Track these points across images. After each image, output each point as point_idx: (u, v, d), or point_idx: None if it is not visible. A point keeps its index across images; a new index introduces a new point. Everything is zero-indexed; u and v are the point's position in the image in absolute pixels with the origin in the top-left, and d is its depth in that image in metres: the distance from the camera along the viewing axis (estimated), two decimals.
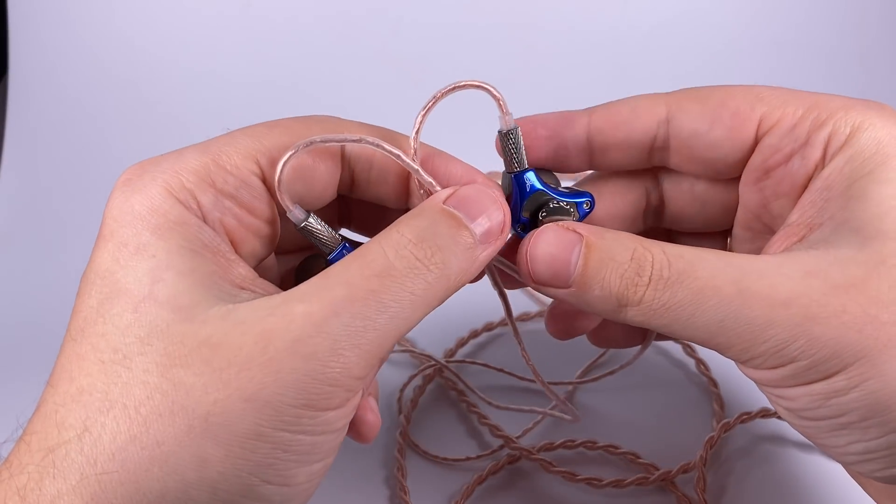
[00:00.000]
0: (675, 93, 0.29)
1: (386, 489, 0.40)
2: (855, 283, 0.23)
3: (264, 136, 0.26)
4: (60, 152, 0.66)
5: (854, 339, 0.23)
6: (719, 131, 0.28)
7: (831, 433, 0.25)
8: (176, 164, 0.25)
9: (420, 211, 0.25)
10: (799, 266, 0.24)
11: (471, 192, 0.26)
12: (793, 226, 0.27)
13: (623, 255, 0.25)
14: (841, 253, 0.24)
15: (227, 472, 0.22)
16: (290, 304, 0.23)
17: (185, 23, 0.69)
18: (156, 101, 0.68)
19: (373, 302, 0.23)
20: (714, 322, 0.24)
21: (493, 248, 0.26)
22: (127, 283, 0.23)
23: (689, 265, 0.24)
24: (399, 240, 0.24)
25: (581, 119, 0.29)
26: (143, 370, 0.22)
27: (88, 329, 0.23)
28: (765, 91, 0.28)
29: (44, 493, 0.21)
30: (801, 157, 0.27)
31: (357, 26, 0.70)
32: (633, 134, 0.29)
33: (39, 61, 0.68)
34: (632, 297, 0.25)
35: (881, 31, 0.68)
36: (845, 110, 0.26)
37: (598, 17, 0.69)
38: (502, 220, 0.26)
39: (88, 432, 0.22)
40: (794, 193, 0.27)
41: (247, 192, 0.25)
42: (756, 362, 0.25)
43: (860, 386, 0.23)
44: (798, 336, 0.23)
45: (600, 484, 0.39)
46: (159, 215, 0.24)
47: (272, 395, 0.22)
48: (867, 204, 0.24)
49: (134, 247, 0.23)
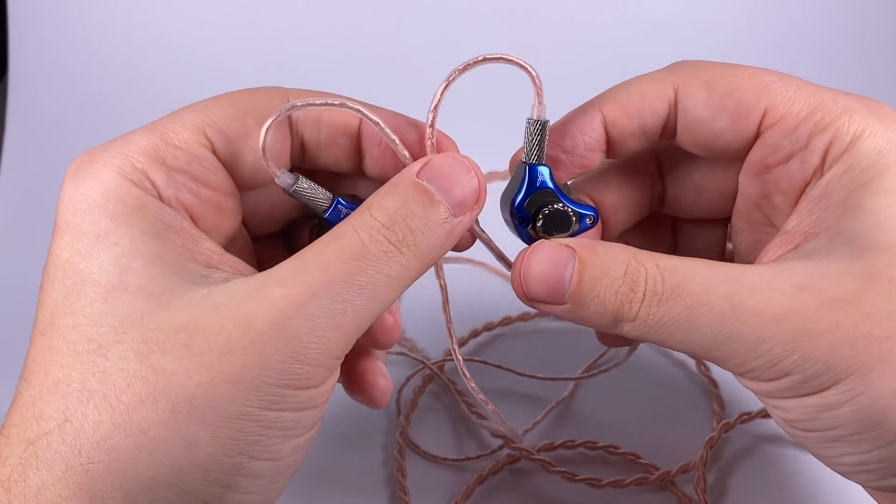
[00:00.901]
0: (680, 70, 0.29)
1: (386, 489, 0.40)
2: (848, 297, 0.23)
3: (210, 109, 0.26)
4: (60, 152, 0.66)
5: (847, 355, 0.23)
6: (723, 121, 0.27)
7: (825, 444, 0.25)
8: (125, 147, 0.25)
9: (392, 187, 0.25)
10: (792, 279, 0.24)
11: (444, 162, 0.26)
12: (789, 233, 0.27)
13: (617, 271, 0.25)
14: (835, 265, 0.24)
15: (216, 453, 0.22)
16: (268, 288, 0.23)
17: (186, 23, 0.69)
18: (156, 100, 0.67)
19: (350, 284, 0.23)
20: (708, 337, 0.24)
21: (470, 216, 0.26)
22: (91, 272, 0.23)
23: (682, 280, 0.25)
24: (372, 224, 0.24)
25: (595, 116, 0.28)
26: (121, 358, 0.22)
27: (57, 322, 0.23)
28: (772, 81, 0.27)
29: (28, 485, 0.21)
30: (800, 159, 0.27)
31: (357, 23, 0.70)
32: (647, 120, 0.28)
33: (39, 61, 0.68)
34: (627, 313, 0.25)
35: (881, 30, 0.68)
36: (849, 115, 0.26)
37: (599, 14, 0.69)
38: (477, 187, 0.26)
39: (69, 422, 0.22)
40: (793, 193, 0.27)
41: (199, 165, 0.25)
42: (752, 375, 0.25)
43: (852, 401, 0.23)
44: (791, 351, 0.23)
45: (600, 484, 0.39)
46: (116, 200, 0.23)
47: (256, 376, 0.22)
48: (863, 215, 0.24)
49: (94, 235, 0.23)
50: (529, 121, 0.27)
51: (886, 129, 0.25)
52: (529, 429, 0.42)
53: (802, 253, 0.25)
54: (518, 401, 0.44)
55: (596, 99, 0.29)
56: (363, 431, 0.43)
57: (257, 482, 0.23)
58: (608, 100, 0.29)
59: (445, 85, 0.27)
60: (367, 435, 0.43)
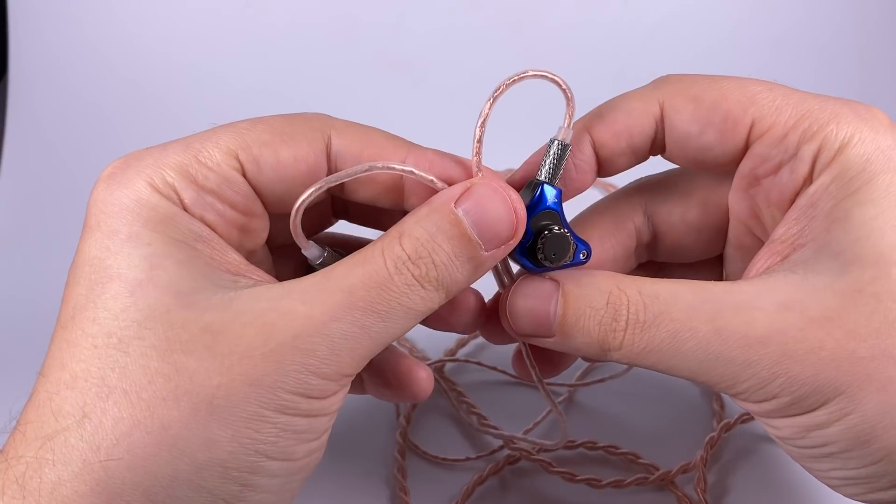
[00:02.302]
0: (665, 85, 0.28)
1: (386, 489, 0.40)
2: (831, 315, 0.23)
3: (246, 133, 0.26)
4: (60, 152, 0.66)
5: (832, 376, 0.23)
6: (710, 135, 0.27)
7: (815, 460, 0.26)
8: (159, 160, 0.25)
9: (427, 213, 0.25)
10: (775, 297, 0.24)
11: (484, 192, 0.25)
12: (776, 242, 0.26)
13: (599, 301, 0.25)
14: (819, 280, 0.24)
15: (235, 452, 0.22)
16: (291, 302, 0.23)
17: (186, 23, 0.69)
18: (156, 100, 0.67)
19: (371, 312, 0.24)
20: (695, 362, 0.24)
21: (503, 251, 0.26)
22: (120, 268, 0.23)
23: (665, 306, 0.25)
24: (399, 254, 0.24)
25: (584, 138, 0.28)
26: (142, 354, 0.22)
27: (79, 315, 0.23)
28: (758, 92, 0.27)
29: (44, 481, 0.21)
30: (790, 169, 0.26)
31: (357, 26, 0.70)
32: (635, 139, 0.28)
33: (39, 61, 0.68)
34: (612, 343, 0.25)
35: (881, 30, 0.68)
36: (836, 122, 0.25)
37: (598, 16, 0.69)
38: (514, 224, 0.25)
39: (88, 419, 0.22)
40: (784, 205, 0.27)
41: (228, 187, 0.26)
42: (741, 396, 0.25)
43: (841, 420, 0.24)
44: (777, 374, 0.24)
45: (600, 484, 0.39)
46: (148, 208, 0.24)
47: (273, 381, 0.23)
48: (849, 226, 0.24)
49: (125, 235, 0.24)
50: (553, 141, 0.27)
51: (875, 134, 0.25)
52: (530, 429, 0.42)
53: (788, 265, 0.25)
54: (518, 401, 0.44)
55: (582, 120, 0.29)
56: (363, 431, 0.43)
57: (274, 481, 0.24)
58: (595, 120, 0.29)
59: (493, 100, 0.26)
60: (367, 435, 0.43)
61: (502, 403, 0.44)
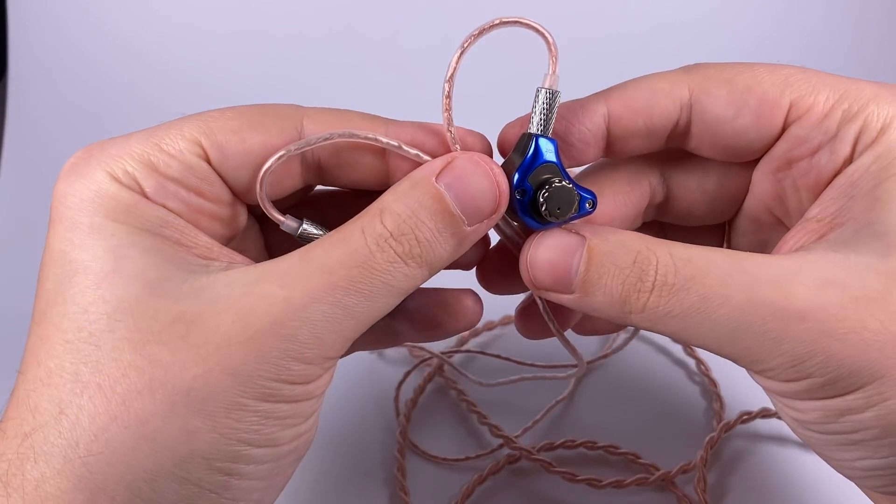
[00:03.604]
0: (697, 71, 0.27)
1: (386, 489, 0.40)
2: (875, 296, 0.22)
3: (212, 121, 0.25)
4: (60, 152, 0.66)
5: (874, 358, 0.22)
6: (746, 118, 0.26)
7: (839, 447, 0.25)
8: (121, 150, 0.24)
9: (409, 188, 0.24)
10: (816, 273, 0.23)
11: (465, 166, 0.24)
12: (811, 221, 0.26)
13: (625, 260, 0.24)
14: (861, 260, 0.23)
15: (216, 442, 0.22)
16: (268, 286, 0.23)
17: (184, 25, 0.69)
18: (155, 100, 0.67)
19: (352, 291, 0.23)
20: (724, 333, 0.23)
21: (486, 225, 0.25)
22: (85, 261, 0.23)
23: (697, 270, 0.23)
24: (381, 231, 0.23)
25: (598, 108, 0.27)
26: (113, 348, 0.22)
27: (49, 311, 0.23)
28: (792, 74, 0.26)
29: (27, 478, 0.21)
30: (829, 150, 0.25)
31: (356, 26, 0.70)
32: (654, 120, 0.27)
33: (39, 61, 0.68)
34: (635, 304, 0.24)
35: (881, 30, 0.68)
36: (877, 102, 0.25)
37: (599, 16, 0.69)
38: (496, 196, 0.25)
39: (64, 415, 0.21)
40: (818, 188, 0.26)
41: (192, 175, 0.25)
42: (769, 374, 0.24)
43: (878, 405, 0.23)
44: (815, 353, 0.22)
45: (600, 484, 0.39)
46: (109, 198, 0.23)
47: (253, 370, 0.22)
48: (893, 208, 0.23)
49: (88, 227, 0.23)
50: (540, 90, 0.26)
51: None
52: (529, 427, 0.42)
53: (827, 244, 0.24)
54: (518, 400, 0.44)
55: (602, 91, 0.28)
56: (363, 431, 0.43)
57: (260, 468, 0.24)
58: (616, 93, 0.27)
59: (461, 52, 0.25)
60: (367, 435, 0.43)
61: (501, 402, 0.44)
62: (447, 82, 0.26)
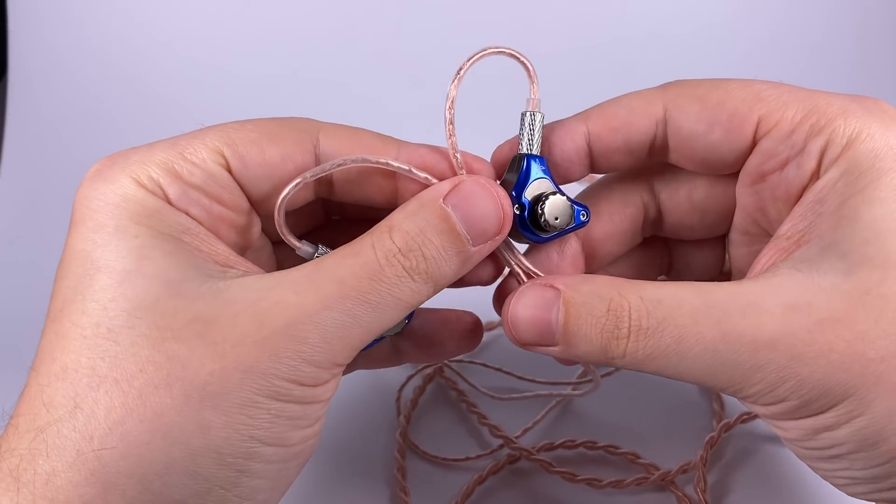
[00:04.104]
0: (671, 88, 0.28)
1: (386, 489, 0.40)
2: (839, 317, 0.23)
3: (233, 132, 0.26)
4: (60, 152, 0.66)
5: (842, 379, 0.23)
6: (717, 133, 0.27)
7: (822, 461, 0.26)
8: (145, 158, 0.25)
9: (417, 208, 0.25)
10: (782, 298, 0.24)
11: (472, 189, 0.26)
12: (781, 239, 0.26)
13: (600, 309, 0.25)
14: (825, 280, 0.24)
15: (230, 437, 0.23)
16: (282, 292, 0.24)
17: (185, 25, 0.69)
18: (155, 101, 0.67)
19: (361, 302, 0.24)
20: (702, 368, 0.24)
21: (490, 246, 0.26)
22: (107, 260, 0.23)
23: (668, 311, 0.24)
24: (390, 247, 0.24)
25: (578, 128, 0.29)
26: (132, 343, 0.22)
27: (67, 307, 0.23)
28: (764, 89, 0.27)
29: (38, 473, 0.21)
30: (796, 164, 0.26)
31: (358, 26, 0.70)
32: (632, 136, 0.28)
33: (39, 61, 0.68)
34: (616, 350, 0.25)
35: (881, 31, 0.68)
36: (844, 117, 0.25)
37: (598, 17, 0.69)
38: (501, 219, 0.26)
39: (80, 409, 0.22)
40: (790, 200, 0.27)
41: (214, 183, 0.26)
42: (750, 399, 0.25)
43: (850, 423, 0.23)
44: (786, 378, 0.23)
45: (600, 484, 0.39)
46: (134, 203, 0.24)
47: (267, 368, 0.23)
48: (857, 226, 0.24)
49: (112, 228, 0.24)
50: (525, 113, 0.28)
51: (885, 129, 0.25)
52: (529, 428, 0.42)
53: (792, 262, 0.25)
54: (518, 400, 0.44)
55: (583, 112, 0.29)
56: (363, 431, 0.43)
57: (270, 467, 0.24)
58: (594, 113, 0.29)
59: (458, 80, 0.27)
60: (367, 435, 0.43)
61: (501, 401, 0.44)
62: (448, 110, 0.27)
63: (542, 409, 0.43)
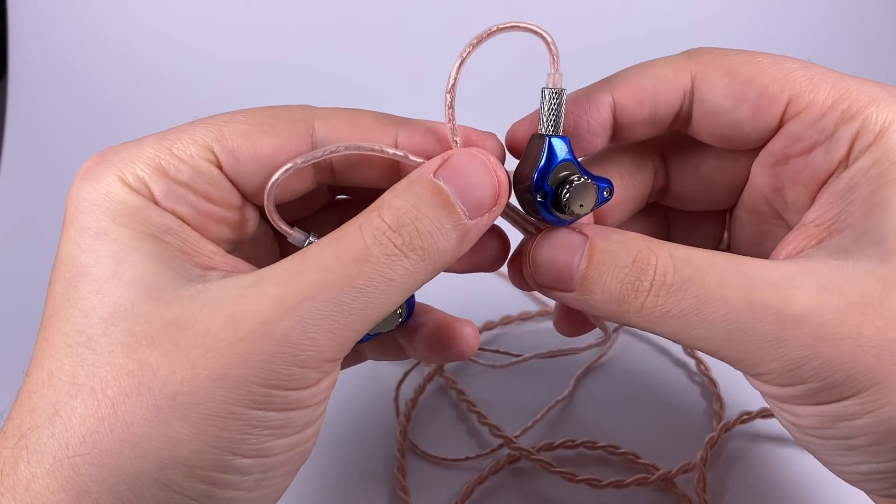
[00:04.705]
0: (699, 57, 0.27)
1: (386, 489, 0.40)
2: (872, 302, 0.22)
3: (223, 125, 0.25)
4: (60, 152, 0.66)
5: (870, 364, 0.22)
6: (743, 111, 0.26)
7: (837, 452, 0.25)
8: (133, 154, 0.25)
9: (407, 185, 0.24)
10: (814, 278, 0.23)
11: (463, 160, 0.24)
12: (809, 226, 0.26)
13: (625, 259, 0.24)
14: (860, 266, 0.23)
15: (199, 450, 0.22)
16: (262, 286, 0.22)
17: (185, 24, 0.69)
18: (155, 100, 0.67)
19: (348, 288, 0.22)
20: (721, 335, 0.23)
21: (488, 218, 0.25)
22: (89, 265, 0.23)
23: (696, 271, 0.23)
24: (378, 225, 0.23)
25: (604, 98, 0.27)
26: (109, 351, 0.22)
27: (55, 315, 0.23)
28: (795, 69, 0.26)
29: (19, 477, 0.21)
30: (824, 150, 0.25)
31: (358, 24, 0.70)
32: (659, 108, 0.27)
33: (39, 61, 0.68)
34: (632, 303, 0.24)
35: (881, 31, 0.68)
36: (876, 105, 0.24)
37: (599, 16, 0.69)
38: (496, 188, 0.25)
39: (58, 416, 0.22)
40: (813, 185, 0.26)
41: (202, 180, 0.25)
42: (765, 378, 0.24)
43: (874, 412, 0.22)
44: (810, 357, 0.22)
45: (600, 484, 0.39)
46: (117, 203, 0.24)
47: (241, 374, 0.21)
48: (891, 213, 0.23)
49: (94, 231, 0.23)
50: (545, 89, 0.26)
51: None
52: (529, 427, 0.42)
53: (826, 251, 0.24)
54: (518, 400, 0.44)
55: (607, 80, 0.28)
56: (363, 431, 0.43)
57: (246, 479, 0.23)
58: (621, 83, 0.27)
59: (460, 62, 0.25)
60: (367, 435, 0.43)
61: (501, 401, 0.44)
62: (448, 93, 0.26)
63: (543, 408, 0.43)
